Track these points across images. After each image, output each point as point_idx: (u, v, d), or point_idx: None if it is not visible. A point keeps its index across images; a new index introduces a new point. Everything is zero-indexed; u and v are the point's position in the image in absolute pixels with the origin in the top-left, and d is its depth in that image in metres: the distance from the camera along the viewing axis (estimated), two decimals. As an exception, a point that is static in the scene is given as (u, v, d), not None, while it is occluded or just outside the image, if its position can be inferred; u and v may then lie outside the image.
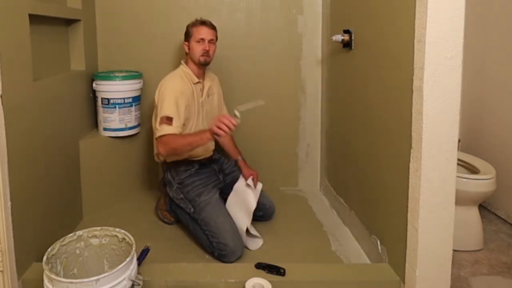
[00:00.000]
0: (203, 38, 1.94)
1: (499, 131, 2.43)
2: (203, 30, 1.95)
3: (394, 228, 1.54)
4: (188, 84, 1.96)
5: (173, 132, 1.80)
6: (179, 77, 1.96)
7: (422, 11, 1.29)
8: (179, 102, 1.86)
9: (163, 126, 1.80)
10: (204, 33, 1.95)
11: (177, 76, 1.97)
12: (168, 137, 1.79)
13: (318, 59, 2.54)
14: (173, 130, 1.80)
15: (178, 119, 1.83)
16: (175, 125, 1.81)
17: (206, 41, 1.95)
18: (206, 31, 1.96)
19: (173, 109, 1.83)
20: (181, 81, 1.94)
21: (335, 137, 2.33)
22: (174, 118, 1.82)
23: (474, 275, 1.85)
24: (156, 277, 1.52)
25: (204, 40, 1.94)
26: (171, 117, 1.81)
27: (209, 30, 1.97)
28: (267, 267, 1.55)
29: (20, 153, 1.53)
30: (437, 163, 1.34)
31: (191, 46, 1.97)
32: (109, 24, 2.45)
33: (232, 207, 1.96)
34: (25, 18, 1.62)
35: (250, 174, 2.08)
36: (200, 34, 1.95)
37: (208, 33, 1.96)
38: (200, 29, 1.96)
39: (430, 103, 1.31)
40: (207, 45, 1.95)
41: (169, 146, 1.79)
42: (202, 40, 1.94)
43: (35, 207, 1.65)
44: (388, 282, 1.51)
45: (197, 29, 1.96)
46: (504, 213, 2.39)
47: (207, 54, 1.95)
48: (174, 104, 1.84)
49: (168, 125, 1.80)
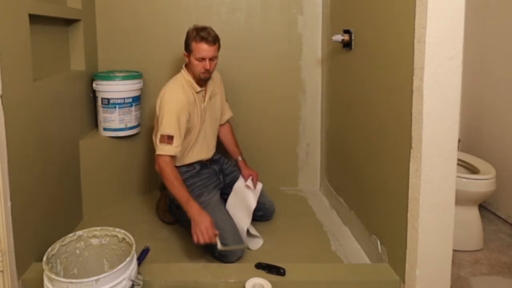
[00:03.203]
0: (203, 57, 1.83)
1: (499, 131, 2.43)
2: (203, 48, 1.81)
3: (394, 228, 1.54)
4: (190, 93, 1.90)
5: (172, 153, 1.78)
6: (181, 86, 1.89)
7: (422, 11, 1.29)
8: (181, 117, 1.82)
9: (163, 145, 1.78)
10: (205, 51, 1.82)
11: (179, 85, 1.89)
12: (165, 165, 1.76)
13: (318, 59, 2.54)
14: (172, 150, 1.78)
15: (178, 137, 1.80)
16: (175, 145, 1.79)
17: (207, 59, 1.83)
18: (207, 50, 1.82)
19: (175, 127, 1.79)
20: (183, 92, 1.87)
21: (335, 137, 2.33)
22: (174, 136, 1.79)
23: (474, 275, 1.85)
24: (156, 277, 1.52)
25: (205, 59, 1.83)
26: (172, 135, 1.79)
27: (210, 48, 1.82)
28: (267, 267, 1.55)
29: (20, 153, 1.53)
30: (437, 163, 1.34)
31: (191, 61, 1.87)
32: (109, 24, 2.45)
33: (232, 207, 1.96)
34: (25, 18, 1.62)
35: (250, 175, 2.08)
36: (201, 53, 1.82)
37: (209, 51, 1.82)
38: (200, 47, 1.81)
39: (430, 103, 1.31)
40: (207, 64, 1.83)
41: (162, 171, 1.77)
42: (203, 59, 1.83)
43: (35, 207, 1.65)
44: (388, 282, 1.51)
45: (198, 46, 1.82)
46: (504, 213, 2.39)
47: (207, 72, 1.87)
48: (175, 122, 1.80)
49: (169, 144, 1.78)
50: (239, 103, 2.46)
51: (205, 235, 1.63)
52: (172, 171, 1.77)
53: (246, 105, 2.51)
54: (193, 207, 1.69)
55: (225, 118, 2.19)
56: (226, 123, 2.21)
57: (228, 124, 2.23)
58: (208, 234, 1.63)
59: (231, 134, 2.22)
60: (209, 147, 2.04)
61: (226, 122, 2.21)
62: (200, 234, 1.63)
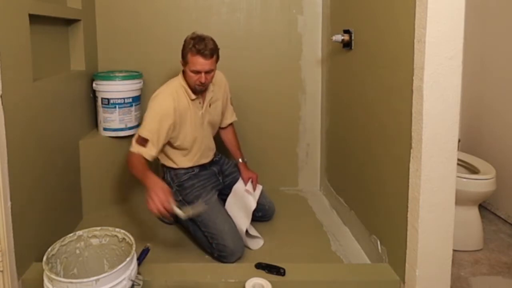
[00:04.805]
0: (199, 70, 1.75)
1: (499, 131, 2.43)
2: (199, 62, 1.73)
3: (394, 228, 1.54)
4: (184, 100, 1.84)
5: (145, 155, 1.74)
6: (175, 92, 1.83)
7: (422, 11, 1.29)
8: (163, 124, 1.76)
9: (137, 145, 1.75)
10: (200, 65, 1.73)
11: (173, 91, 1.83)
12: (134, 158, 1.74)
13: (318, 59, 2.54)
14: (144, 153, 1.74)
15: (155, 143, 1.76)
16: (148, 149, 1.74)
17: (203, 73, 1.75)
18: (203, 63, 1.73)
19: (153, 131, 1.75)
20: (174, 99, 1.80)
21: (335, 137, 2.33)
22: (150, 141, 1.74)
23: (474, 275, 1.85)
24: (156, 277, 1.52)
25: (201, 72, 1.75)
26: (147, 139, 1.74)
27: (206, 61, 1.73)
28: (267, 267, 1.55)
29: (20, 153, 1.53)
30: (437, 163, 1.34)
31: (186, 71, 1.80)
32: (109, 24, 2.45)
33: (232, 208, 1.95)
34: (25, 18, 1.62)
35: (249, 177, 2.07)
36: (196, 66, 1.74)
37: (205, 65, 1.73)
38: (196, 60, 1.73)
39: (430, 103, 1.31)
40: (203, 77, 1.75)
41: (130, 165, 1.75)
42: (198, 72, 1.76)
43: (35, 207, 1.65)
44: (388, 282, 1.51)
45: (193, 59, 1.73)
46: (504, 213, 2.39)
47: (202, 85, 1.79)
48: (156, 126, 1.75)
49: (142, 146, 1.74)
50: (239, 103, 2.45)
51: (160, 198, 1.54)
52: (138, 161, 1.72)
53: (246, 105, 2.51)
54: (151, 178, 1.64)
55: (227, 122, 2.13)
56: (229, 126, 2.16)
57: (231, 127, 2.17)
58: (162, 198, 1.55)
59: (233, 137, 2.18)
60: (208, 152, 2.01)
61: (228, 126, 2.16)
62: (155, 198, 1.55)
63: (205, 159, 2.00)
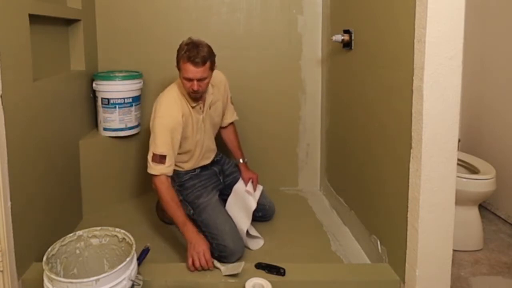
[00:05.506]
0: (190, 78, 1.70)
1: (499, 131, 2.43)
2: (190, 70, 1.68)
3: (394, 228, 1.54)
4: (185, 105, 1.82)
5: (165, 171, 1.72)
6: (177, 98, 1.81)
7: (422, 11, 1.29)
8: (174, 135, 1.75)
9: (155, 165, 1.72)
10: (192, 73, 1.68)
11: (175, 98, 1.81)
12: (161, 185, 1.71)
13: (318, 59, 2.54)
14: (165, 169, 1.72)
15: (171, 156, 1.74)
16: (167, 164, 1.73)
17: (195, 80, 1.70)
18: (194, 71, 1.68)
19: (168, 146, 1.73)
20: (177, 106, 1.78)
21: (335, 137, 2.33)
22: (167, 156, 1.72)
23: (474, 275, 1.85)
24: (156, 277, 1.52)
25: (193, 80, 1.71)
26: (165, 155, 1.72)
27: (198, 69, 1.67)
28: (267, 267, 1.55)
29: (20, 153, 1.53)
30: (437, 163, 1.34)
31: (180, 77, 1.77)
32: (109, 24, 2.45)
33: (232, 208, 1.96)
34: (25, 18, 1.62)
35: (249, 178, 2.07)
36: (188, 73, 1.69)
37: (196, 73, 1.68)
38: (187, 68, 1.69)
39: (430, 103, 1.31)
40: (195, 85, 1.71)
41: (158, 191, 1.72)
42: (190, 79, 1.71)
43: (35, 207, 1.65)
44: (388, 282, 1.51)
45: (184, 66, 1.69)
46: (504, 213, 2.39)
47: (196, 93, 1.75)
48: (168, 140, 1.73)
49: (161, 164, 1.71)
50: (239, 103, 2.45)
51: (202, 258, 1.55)
52: (168, 192, 1.72)
53: (246, 105, 2.51)
54: (190, 230, 1.65)
55: (227, 121, 2.12)
56: (229, 125, 2.16)
57: (232, 126, 2.17)
58: (205, 257, 1.56)
59: (234, 136, 2.17)
60: (209, 153, 2.01)
61: (229, 125, 2.16)
62: (197, 256, 1.56)
63: (206, 160, 2.00)
